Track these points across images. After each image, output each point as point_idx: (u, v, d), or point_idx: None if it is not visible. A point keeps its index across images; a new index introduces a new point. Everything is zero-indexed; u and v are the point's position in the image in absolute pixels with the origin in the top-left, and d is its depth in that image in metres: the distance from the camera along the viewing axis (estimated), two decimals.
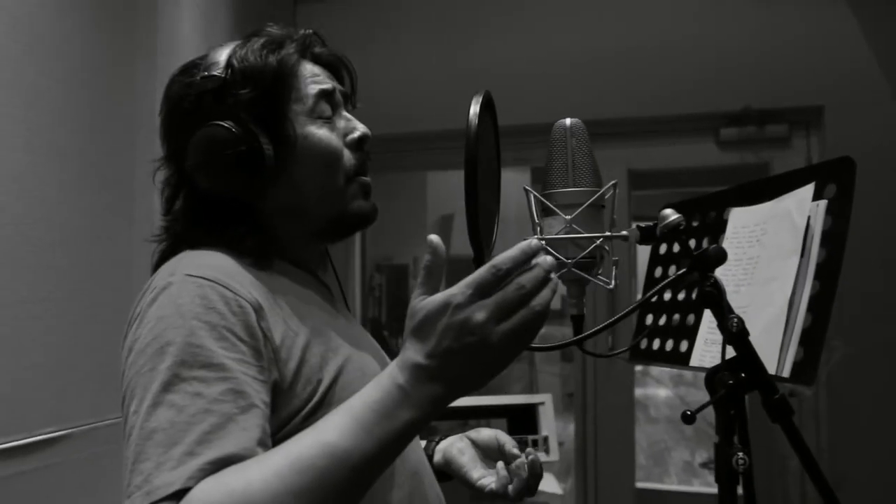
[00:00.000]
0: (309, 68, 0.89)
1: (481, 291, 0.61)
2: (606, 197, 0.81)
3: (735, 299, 1.03)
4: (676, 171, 2.79)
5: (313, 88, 0.87)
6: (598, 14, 2.67)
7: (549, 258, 0.62)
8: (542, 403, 1.78)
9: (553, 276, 0.63)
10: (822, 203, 0.92)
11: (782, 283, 0.94)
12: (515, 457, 0.96)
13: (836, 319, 0.82)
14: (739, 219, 1.10)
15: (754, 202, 1.07)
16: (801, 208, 0.97)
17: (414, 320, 0.63)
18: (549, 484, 3.15)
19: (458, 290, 0.61)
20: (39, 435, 1.27)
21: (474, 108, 0.75)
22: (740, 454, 0.73)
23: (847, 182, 0.88)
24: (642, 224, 0.78)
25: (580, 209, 0.77)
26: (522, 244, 0.62)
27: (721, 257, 0.75)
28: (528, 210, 0.81)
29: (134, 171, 1.59)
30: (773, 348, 0.91)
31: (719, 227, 1.10)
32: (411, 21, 2.80)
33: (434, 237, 0.64)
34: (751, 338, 0.91)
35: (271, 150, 0.82)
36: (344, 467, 0.60)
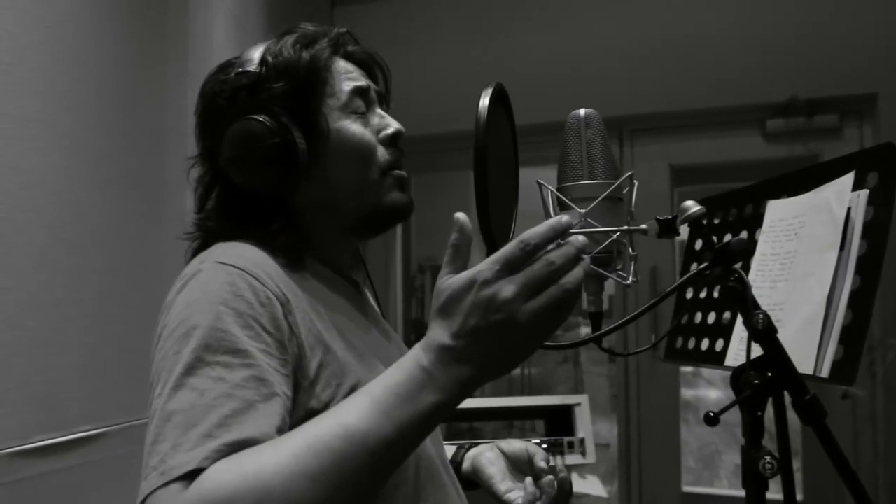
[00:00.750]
0: (342, 65, 0.89)
1: (509, 267, 0.58)
2: (625, 191, 0.78)
3: (771, 296, 0.98)
4: (721, 166, 2.71)
5: (347, 84, 0.87)
6: (637, 6, 2.62)
7: (580, 237, 0.60)
8: (579, 405, 1.75)
9: (585, 255, 0.60)
10: (864, 193, 0.87)
11: (820, 278, 0.89)
12: (544, 472, 0.93)
13: (891, 316, 0.77)
14: (776, 211, 1.05)
15: (792, 194, 1.02)
16: (840, 199, 0.92)
17: (439, 300, 0.60)
18: (593, 486, 3.10)
19: (484, 267, 0.59)
20: (76, 433, 1.30)
21: (484, 101, 0.74)
22: (767, 458, 0.69)
23: (890, 170, 0.83)
24: (661, 217, 0.75)
25: (595, 202, 0.74)
26: (552, 220, 0.60)
27: (745, 251, 0.71)
28: (543, 204, 0.79)
29: (164, 175, 1.62)
30: (810, 347, 0.87)
31: (756, 221, 1.06)
32: (449, 21, 2.79)
33: (461, 215, 0.62)
34: (787, 336, 0.86)
35: (304, 143, 0.82)
36: (362, 451, 0.58)
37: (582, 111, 0.80)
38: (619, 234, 0.74)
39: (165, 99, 1.64)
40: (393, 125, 0.90)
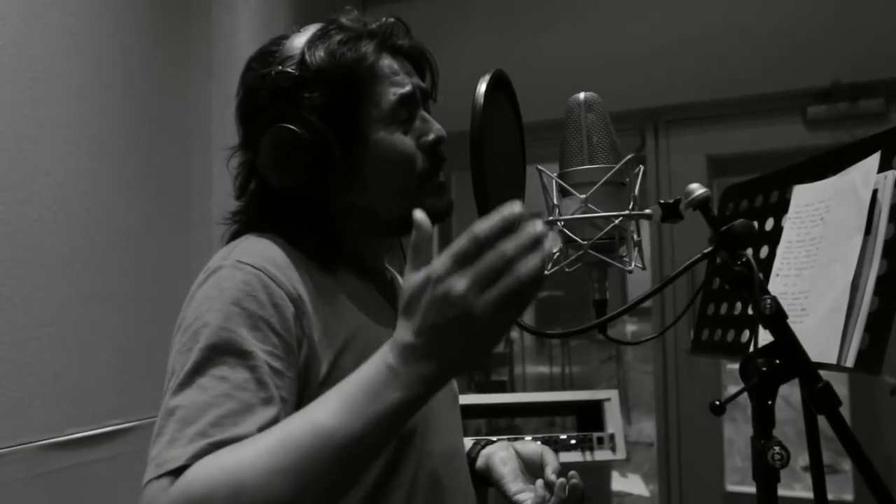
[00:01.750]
0: (387, 64, 0.86)
1: (461, 261, 0.57)
2: (628, 178, 0.76)
3: (797, 284, 0.95)
4: (760, 156, 2.62)
5: (391, 93, 0.84)
6: None
7: (537, 224, 0.57)
8: (609, 400, 1.71)
9: (547, 241, 0.57)
10: (891, 174, 0.83)
11: (845, 263, 0.86)
12: (553, 483, 0.91)
13: None
14: (803, 196, 1.01)
15: (819, 178, 0.99)
16: (866, 181, 0.88)
17: (402, 299, 0.60)
18: (635, 486, 3.04)
19: (437, 263, 0.58)
20: (107, 426, 1.35)
21: (481, 88, 0.73)
22: (776, 448, 0.67)
23: None
24: (663, 200, 0.72)
25: (595, 187, 0.73)
26: (504, 210, 0.57)
27: (748, 233, 0.69)
28: (543, 190, 0.77)
29: (189, 176, 1.66)
30: (835, 336, 0.83)
31: (782, 207, 1.02)
32: (481, 19, 2.78)
33: (419, 212, 0.62)
34: (812, 325, 0.83)
35: (342, 154, 0.81)
36: (329, 447, 0.59)
37: (582, 94, 0.78)
38: (620, 219, 0.73)
39: (190, 102, 1.67)
40: (434, 132, 0.87)
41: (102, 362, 1.36)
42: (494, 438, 1.05)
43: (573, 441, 1.66)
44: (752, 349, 0.94)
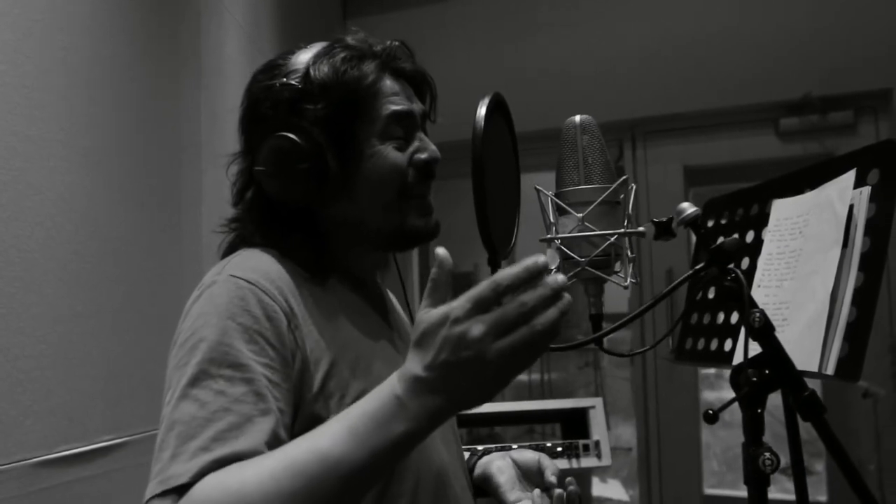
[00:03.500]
0: (388, 85, 0.88)
1: (480, 306, 0.59)
2: (622, 196, 0.79)
3: (778, 295, 0.99)
4: (735, 166, 2.69)
5: (387, 110, 0.87)
6: (646, 8, 2.62)
7: (559, 277, 0.60)
8: (593, 407, 1.75)
9: (565, 295, 0.60)
10: (866, 190, 0.87)
11: (824, 276, 0.90)
12: (553, 485, 0.94)
13: None
14: (782, 210, 1.05)
15: (797, 192, 1.03)
16: (843, 196, 0.92)
17: (416, 332, 0.62)
18: (615, 490, 3.08)
19: (457, 304, 0.60)
20: (98, 443, 1.34)
21: (481, 111, 0.75)
22: (767, 454, 0.70)
23: (891, 167, 0.83)
24: (656, 219, 0.76)
25: (592, 206, 0.76)
26: (528, 261, 0.60)
27: (737, 250, 0.72)
28: (542, 210, 0.80)
29: (180, 189, 1.66)
30: (815, 345, 0.87)
31: (762, 220, 1.06)
32: (461, 30, 2.81)
33: (441, 250, 0.64)
34: (794, 334, 0.87)
35: (337, 166, 0.83)
36: (334, 475, 0.61)
37: (577, 118, 0.82)
38: (616, 237, 0.76)
39: (180, 115, 1.68)
40: (427, 152, 0.89)
41: (93, 377, 1.36)
42: (494, 447, 1.07)
43: (559, 448, 1.69)
44: (740, 359, 0.98)
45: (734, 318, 1.05)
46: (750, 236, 1.09)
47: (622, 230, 0.77)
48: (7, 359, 1.17)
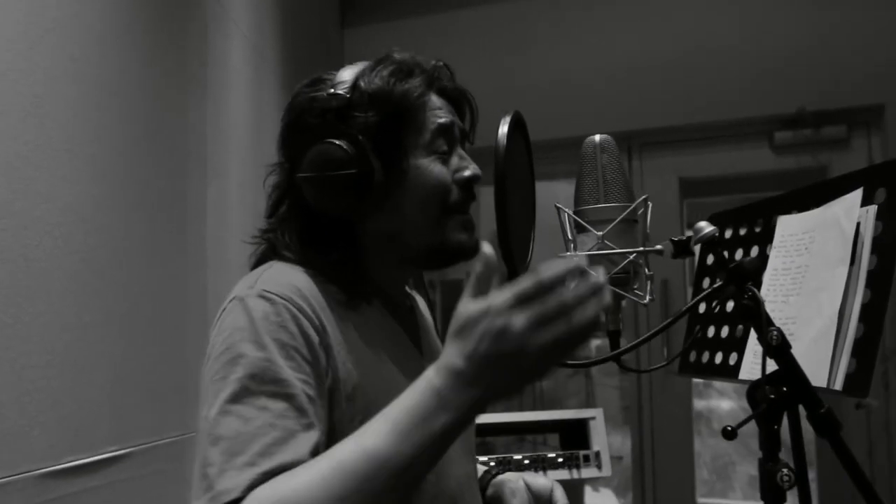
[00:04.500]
0: (434, 101, 0.90)
1: (522, 300, 0.61)
2: (639, 213, 0.81)
3: (784, 310, 1.00)
4: (730, 178, 2.73)
5: (433, 122, 0.88)
6: (644, 22, 2.65)
7: (599, 276, 0.62)
8: (594, 418, 1.76)
9: (605, 293, 0.61)
10: (872, 208, 0.89)
11: (831, 293, 0.91)
12: None
13: None
14: (787, 227, 1.07)
15: (802, 209, 1.04)
16: (849, 214, 0.94)
17: (456, 323, 0.63)
18: (607, 499, 3.10)
19: (499, 298, 0.61)
20: (104, 453, 1.33)
21: (503, 129, 0.76)
22: (784, 470, 0.71)
23: None
24: (675, 238, 0.77)
25: (612, 225, 0.77)
26: (570, 261, 0.62)
27: (757, 270, 0.74)
28: (561, 227, 0.82)
29: (186, 199, 1.66)
30: (823, 360, 0.89)
31: (767, 236, 1.08)
32: (458, 41, 2.83)
33: (487, 247, 0.65)
34: (800, 350, 0.88)
35: (382, 176, 0.84)
36: (384, 472, 0.62)
37: (597, 137, 0.83)
38: (635, 255, 0.77)
39: (186, 125, 1.68)
40: (470, 169, 0.90)
41: (100, 387, 1.35)
42: (508, 467, 1.07)
43: (560, 459, 1.70)
44: (747, 374, 0.99)
45: (739, 331, 1.07)
46: (755, 252, 1.10)
47: (641, 248, 0.78)
48: (13, 369, 1.16)
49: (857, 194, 0.93)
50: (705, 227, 0.76)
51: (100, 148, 1.41)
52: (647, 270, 0.80)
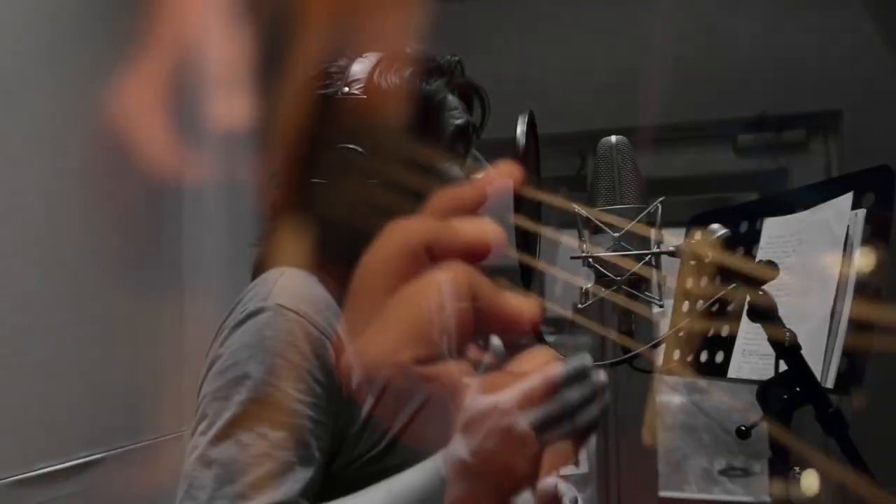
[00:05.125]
0: (451, 99, 0.87)
1: (530, 401, 0.62)
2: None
3: None
4: (694, 178, 2.79)
5: (451, 125, 0.86)
6: (609, 24, 2.68)
7: (602, 375, 0.62)
8: None
9: (606, 395, 0.62)
10: (861, 212, 0.92)
11: (821, 294, 0.93)
12: None
13: None
14: (774, 228, 1.09)
15: (789, 212, 1.07)
16: (840, 218, 0.96)
17: (464, 416, 0.64)
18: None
19: (507, 397, 0.62)
20: (76, 459, 1.28)
21: (521, 127, 0.76)
22: (796, 469, 0.73)
23: (886, 190, 0.88)
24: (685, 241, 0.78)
25: (629, 226, 0.77)
26: (575, 360, 0.61)
27: (773, 274, 0.75)
28: (577, 228, 0.82)
29: (163, 201, 1.61)
30: (815, 360, 0.91)
31: (753, 237, 1.10)
32: (430, 37, 2.81)
33: (497, 340, 0.65)
34: None
35: (403, 183, 0.79)
36: None
37: (613, 138, 0.83)
38: (649, 256, 0.78)
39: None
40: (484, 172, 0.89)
41: (72, 391, 1.30)
42: None
43: None
44: (735, 373, 1.01)
45: (725, 331, 1.09)
46: (740, 253, 1.12)
47: (656, 250, 0.78)
48: None
49: (847, 198, 0.96)
50: (718, 229, 0.77)
51: (74, 147, 1.34)
52: (658, 273, 0.80)
